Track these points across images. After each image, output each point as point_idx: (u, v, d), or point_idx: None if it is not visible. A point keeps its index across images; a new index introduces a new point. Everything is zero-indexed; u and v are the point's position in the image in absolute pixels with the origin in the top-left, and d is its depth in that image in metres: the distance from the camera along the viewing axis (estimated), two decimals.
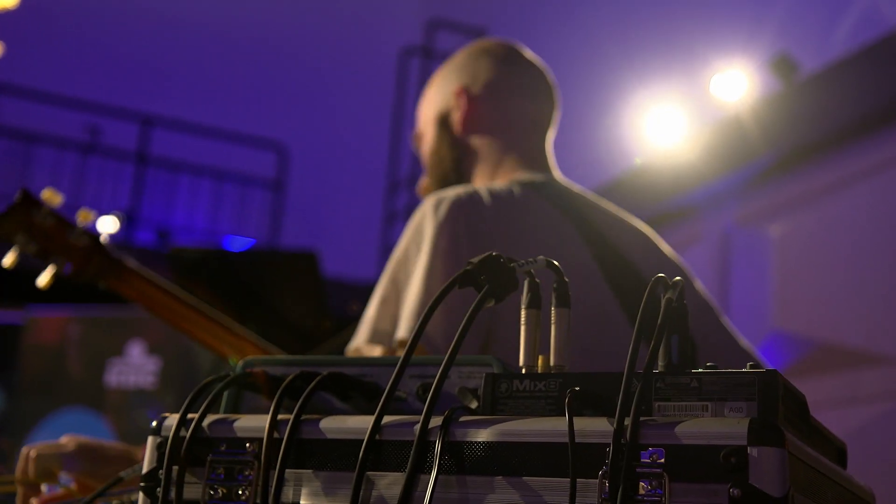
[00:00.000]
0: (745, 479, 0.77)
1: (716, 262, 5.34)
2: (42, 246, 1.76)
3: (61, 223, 1.77)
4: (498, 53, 1.86)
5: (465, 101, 1.81)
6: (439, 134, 1.82)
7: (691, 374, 0.85)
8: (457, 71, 1.85)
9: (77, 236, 1.77)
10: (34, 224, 1.75)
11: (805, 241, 4.83)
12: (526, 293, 0.96)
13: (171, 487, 0.95)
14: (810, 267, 4.77)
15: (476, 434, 0.87)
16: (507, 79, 1.83)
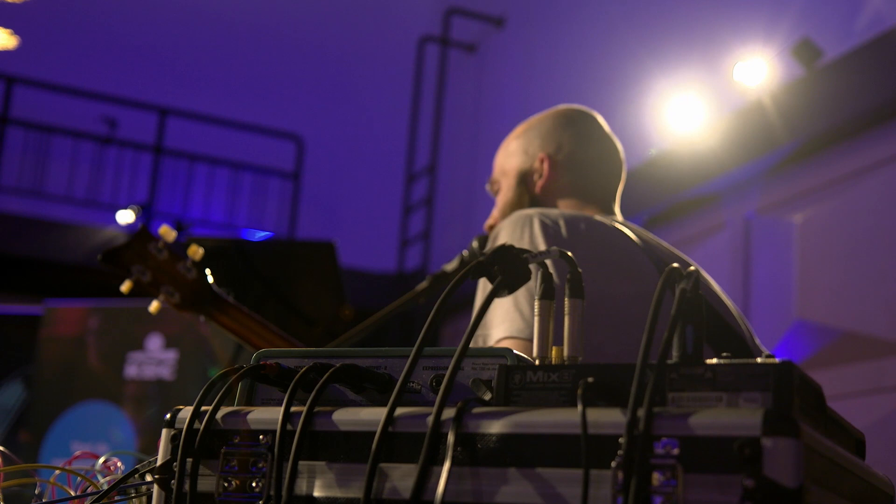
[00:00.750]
0: (759, 470, 0.76)
1: (737, 251, 5.30)
2: (155, 276, 1.90)
3: (173, 257, 1.91)
4: (581, 125, 2.04)
5: (548, 169, 1.98)
6: (519, 190, 2.00)
7: (706, 364, 0.85)
8: (541, 137, 2.02)
9: (186, 269, 1.90)
10: (150, 256, 1.90)
11: (828, 228, 4.79)
12: (539, 284, 0.96)
13: (185, 479, 0.95)
14: (833, 255, 4.73)
15: (489, 425, 0.87)
16: (587, 151, 2.01)
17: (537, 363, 0.93)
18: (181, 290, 1.90)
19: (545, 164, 1.98)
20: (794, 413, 0.79)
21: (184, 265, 1.90)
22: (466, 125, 9.15)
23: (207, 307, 1.91)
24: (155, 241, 1.91)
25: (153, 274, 1.90)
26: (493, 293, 0.92)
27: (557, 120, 2.04)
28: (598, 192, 2.00)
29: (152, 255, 1.90)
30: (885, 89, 4.52)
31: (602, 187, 2.01)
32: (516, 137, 2.07)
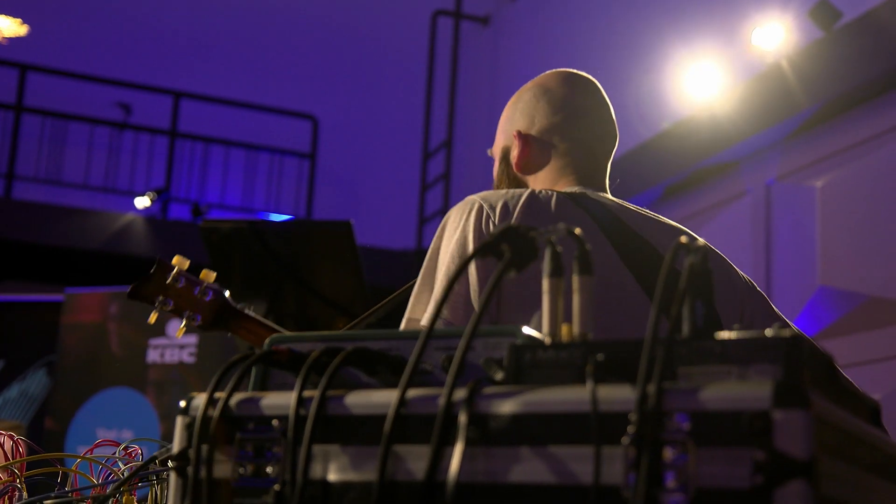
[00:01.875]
0: (769, 443, 0.76)
1: (759, 218, 5.27)
2: (176, 304, 2.04)
3: (190, 282, 2.04)
4: (557, 94, 1.97)
5: (521, 145, 1.95)
6: (500, 168, 2.00)
7: (715, 338, 0.84)
8: (520, 111, 1.98)
9: (203, 292, 2.04)
10: (169, 286, 2.04)
11: (849, 192, 4.75)
12: (548, 262, 0.95)
13: (200, 466, 0.96)
14: (855, 219, 4.69)
15: (500, 405, 0.87)
16: (563, 122, 1.95)
17: (547, 341, 0.93)
18: (202, 312, 2.04)
19: (518, 141, 1.95)
20: (803, 384, 0.79)
21: (200, 289, 2.04)
22: (482, 99, 9.12)
23: (229, 323, 2.07)
24: (171, 270, 2.05)
25: (175, 302, 2.04)
26: (501, 272, 0.91)
27: (535, 91, 1.98)
28: (579, 164, 1.94)
29: (171, 285, 2.04)
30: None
31: (582, 158, 1.94)
32: (508, 107, 2.04)
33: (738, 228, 5.35)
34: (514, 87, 7.58)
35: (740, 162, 5.53)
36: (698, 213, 5.65)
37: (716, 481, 0.77)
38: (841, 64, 4.80)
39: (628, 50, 6.70)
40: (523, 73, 8.83)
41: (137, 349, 5.52)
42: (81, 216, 8.22)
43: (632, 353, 0.86)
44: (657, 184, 5.81)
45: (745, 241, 5.24)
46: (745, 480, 0.76)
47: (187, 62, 9.51)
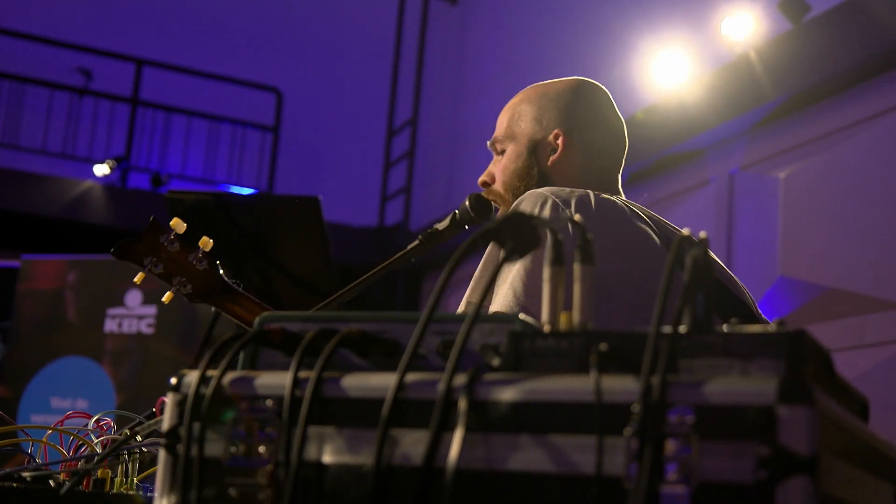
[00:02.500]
0: (773, 438, 0.76)
1: (722, 207, 5.32)
2: (166, 268, 1.94)
3: (185, 248, 1.95)
4: (597, 106, 2.03)
5: (563, 146, 1.97)
6: (528, 161, 2.00)
7: (717, 332, 0.85)
8: (559, 110, 1.99)
9: (197, 260, 1.94)
10: (161, 248, 1.94)
11: (812, 184, 4.80)
12: (549, 250, 0.95)
13: (192, 444, 0.95)
14: (817, 211, 4.75)
15: (501, 392, 0.87)
16: (600, 133, 2.01)
17: (546, 329, 0.93)
18: (192, 280, 1.94)
19: (560, 141, 1.97)
20: (807, 380, 0.79)
21: (195, 256, 1.94)
22: (448, 78, 9.09)
23: (218, 297, 1.96)
24: (167, 233, 1.94)
25: (165, 266, 1.94)
26: (504, 260, 0.91)
27: (576, 96, 2.02)
28: (605, 174, 2.01)
29: (164, 247, 1.94)
30: (872, 44, 4.51)
31: (609, 168, 2.02)
32: (528, 102, 2.04)
33: (700, 217, 5.40)
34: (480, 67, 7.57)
35: (705, 150, 5.56)
36: (662, 200, 5.69)
37: (719, 475, 0.77)
38: (808, 57, 4.84)
39: (597, 36, 6.71)
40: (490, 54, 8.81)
41: (95, 318, 5.45)
42: (39, 182, 8.09)
43: (634, 344, 0.86)
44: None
45: (708, 230, 5.26)
46: (749, 475, 0.76)
47: (151, 29, 9.37)
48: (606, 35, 6.53)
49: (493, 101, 8.48)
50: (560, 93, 2.01)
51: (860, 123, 4.65)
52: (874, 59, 4.51)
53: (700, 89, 5.36)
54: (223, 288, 1.96)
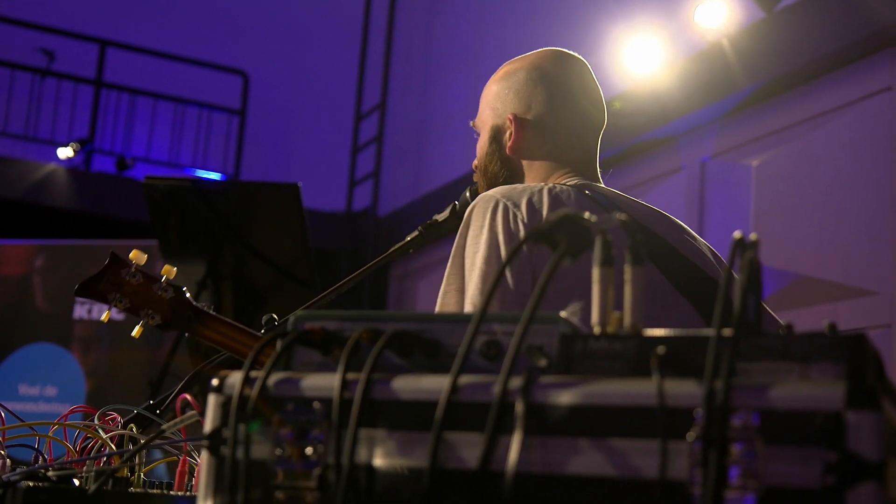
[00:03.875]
0: (841, 444, 0.77)
1: (693, 195, 5.36)
2: (132, 301, 1.91)
3: (148, 279, 1.92)
4: (555, 79, 1.96)
5: (516, 128, 1.95)
6: (491, 148, 1.99)
7: (777, 334, 0.85)
8: (514, 92, 1.96)
9: (162, 290, 1.91)
10: (124, 282, 1.91)
11: (784, 173, 4.85)
12: (599, 251, 0.95)
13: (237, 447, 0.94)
14: (789, 199, 4.80)
15: (558, 395, 0.87)
16: (561, 106, 1.95)
17: (597, 331, 0.93)
18: (160, 311, 1.92)
19: (513, 125, 1.95)
20: (872, 385, 0.80)
21: (159, 286, 1.92)
22: (417, 63, 9.06)
23: (189, 323, 1.93)
24: (127, 267, 1.92)
25: (130, 299, 1.91)
26: (557, 261, 0.90)
27: (531, 73, 1.97)
28: (573, 152, 1.96)
29: (126, 281, 1.91)
30: (845, 33, 4.56)
31: (577, 147, 1.97)
32: (496, 81, 2.02)
33: (672, 204, 5.43)
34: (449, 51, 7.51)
35: (677, 138, 5.60)
36: (633, 187, 5.72)
37: (785, 480, 0.78)
38: (781, 45, 4.88)
39: (569, 22, 6.71)
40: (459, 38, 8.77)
41: (63, 304, 5.38)
42: (1, 164, 7.96)
43: (690, 346, 0.86)
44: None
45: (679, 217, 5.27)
46: (816, 480, 0.77)
47: (115, 9, 9.24)
48: (578, 21, 6.54)
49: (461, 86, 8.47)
50: (518, 73, 1.97)
51: (832, 112, 4.70)
52: (846, 48, 4.55)
53: (672, 77, 5.38)
54: (193, 313, 1.94)
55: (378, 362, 1.00)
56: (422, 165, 8.61)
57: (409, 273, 8.27)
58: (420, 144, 8.74)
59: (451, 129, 8.21)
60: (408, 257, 8.11)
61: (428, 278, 7.89)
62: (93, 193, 7.99)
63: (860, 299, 4.37)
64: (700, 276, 1.84)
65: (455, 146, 7.96)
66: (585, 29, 6.34)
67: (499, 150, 1.98)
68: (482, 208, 1.77)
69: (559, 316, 0.98)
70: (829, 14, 4.63)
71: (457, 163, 7.49)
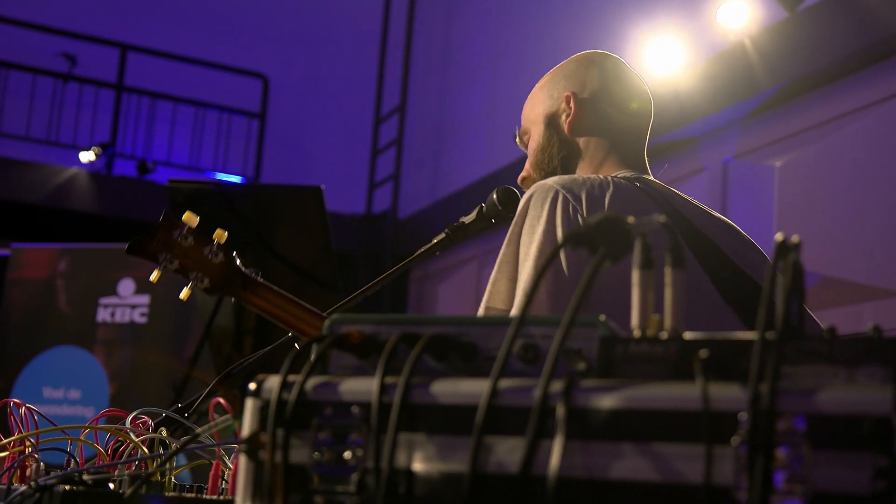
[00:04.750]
0: (891, 449, 0.76)
1: (716, 196, 5.33)
2: (182, 263, 1.90)
3: (199, 241, 1.90)
4: (605, 65, 2.03)
5: (574, 106, 1.98)
6: (547, 133, 2.01)
7: (822, 338, 0.84)
8: (566, 78, 2.02)
9: (213, 253, 1.90)
10: (175, 243, 1.89)
11: (807, 173, 4.82)
12: (638, 254, 0.94)
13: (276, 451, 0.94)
14: (812, 200, 4.77)
15: (600, 399, 0.86)
16: (613, 88, 2.01)
17: (636, 334, 0.92)
18: (209, 274, 1.90)
19: (572, 102, 1.97)
20: None
21: (210, 249, 1.90)
22: (436, 65, 9.06)
23: (237, 289, 1.91)
24: (180, 227, 1.90)
25: (181, 261, 1.90)
26: (598, 263, 0.90)
27: (580, 61, 2.03)
28: (627, 139, 1.99)
29: (178, 242, 1.89)
30: (867, 33, 4.53)
31: (630, 135, 2.00)
32: (540, 88, 2.06)
33: None
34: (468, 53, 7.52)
35: (699, 139, 5.57)
36: None
37: (833, 485, 0.77)
38: (803, 46, 4.85)
39: (589, 22, 6.70)
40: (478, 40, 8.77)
41: (87, 307, 5.40)
42: (23, 168, 8.01)
43: (732, 350, 0.86)
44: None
45: None
46: (866, 485, 0.76)
47: (136, 14, 9.28)
48: (599, 23, 6.52)
49: (481, 88, 8.46)
50: (564, 65, 2.05)
51: (855, 112, 4.67)
52: (869, 48, 4.52)
53: (694, 77, 5.36)
54: (241, 279, 1.92)
55: (416, 366, 0.99)
56: (441, 167, 8.61)
57: (428, 275, 8.27)
58: (439, 146, 8.74)
59: (470, 130, 8.21)
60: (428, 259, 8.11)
61: (448, 281, 7.88)
62: (114, 197, 8.02)
63: (885, 300, 4.33)
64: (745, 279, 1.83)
65: (475, 148, 7.95)
66: (606, 30, 6.33)
67: (556, 133, 1.99)
68: (540, 197, 1.76)
69: (598, 319, 0.97)
70: (852, 14, 4.61)
71: (476, 165, 7.49)
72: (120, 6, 9.30)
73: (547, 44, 7.13)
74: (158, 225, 1.92)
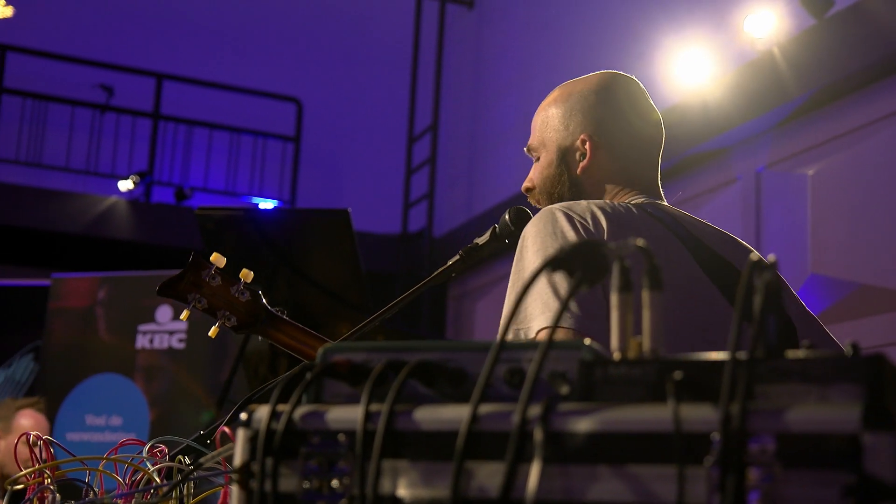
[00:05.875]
0: (859, 466, 0.76)
1: (749, 205, 5.30)
2: (210, 302, 1.97)
3: (226, 281, 1.98)
4: (620, 95, 1.99)
5: (590, 150, 1.95)
6: (559, 169, 1.98)
7: (794, 357, 0.84)
8: (583, 113, 1.97)
9: (239, 292, 1.97)
10: (204, 283, 1.97)
11: (841, 181, 4.78)
12: (617, 277, 0.95)
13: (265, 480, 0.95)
14: (847, 208, 4.72)
15: (577, 422, 0.87)
16: (628, 123, 1.97)
17: (616, 357, 0.93)
18: (237, 312, 1.98)
19: (587, 146, 1.94)
20: (890, 406, 0.79)
21: (237, 288, 1.98)
22: (467, 83, 9.09)
23: (263, 326, 1.99)
24: (208, 268, 1.98)
25: (209, 300, 1.97)
26: (575, 287, 0.91)
27: (599, 95, 1.98)
28: (641, 171, 1.98)
29: (206, 282, 1.97)
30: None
31: (644, 165, 1.99)
32: (556, 104, 2.02)
33: (728, 216, 5.38)
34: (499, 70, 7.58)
35: (731, 149, 5.55)
36: (688, 200, 5.67)
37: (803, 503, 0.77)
38: (832, 52, 4.82)
39: (618, 35, 6.70)
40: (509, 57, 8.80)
41: (126, 335, 5.48)
42: (63, 199, 8.15)
43: (708, 371, 0.86)
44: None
45: (736, 229, 5.25)
46: (835, 503, 0.76)
47: (170, 43, 9.42)
48: (627, 35, 6.52)
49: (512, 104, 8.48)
50: (585, 94, 1.98)
51: (887, 117, 4.63)
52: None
53: (724, 87, 5.34)
54: (267, 317, 1.99)
55: (402, 393, 1.01)
56: (475, 185, 8.63)
57: (467, 293, 8.28)
58: (473, 164, 8.77)
59: (503, 147, 8.22)
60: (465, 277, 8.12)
61: (486, 298, 7.89)
62: (153, 224, 8.14)
63: None
64: None
65: (508, 164, 7.96)
66: (635, 43, 6.32)
67: (567, 171, 1.97)
68: (542, 221, 1.76)
69: (583, 342, 0.98)
70: (880, 19, 4.57)
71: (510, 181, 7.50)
72: (155, 37, 9.46)
73: (577, 58, 7.13)
74: (187, 266, 2.00)
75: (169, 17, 9.55)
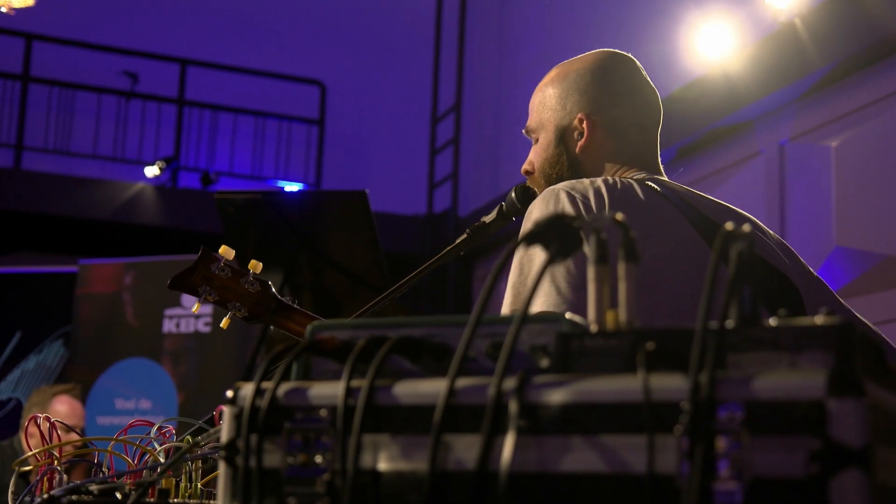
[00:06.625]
0: (824, 432, 0.76)
1: (773, 179, 5.26)
2: (221, 294, 2.01)
3: (236, 273, 2.02)
4: (617, 75, 1.98)
5: (588, 130, 1.94)
6: (557, 150, 1.98)
7: (765, 326, 0.85)
8: (580, 93, 1.96)
9: (249, 284, 2.01)
10: (214, 276, 2.01)
11: (865, 152, 4.73)
12: (593, 250, 0.96)
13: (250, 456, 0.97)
14: (871, 179, 4.67)
15: (550, 394, 0.88)
16: (626, 102, 1.97)
17: (593, 329, 0.94)
18: (247, 303, 2.01)
19: (585, 125, 1.94)
20: (857, 372, 0.79)
21: (246, 279, 2.01)
22: (490, 62, 9.07)
23: (273, 316, 2.02)
24: (217, 261, 2.01)
25: (219, 292, 2.01)
26: (549, 262, 0.91)
27: (596, 74, 1.97)
28: (640, 149, 1.97)
29: (216, 275, 2.01)
30: None
31: (643, 143, 1.98)
32: (552, 85, 2.01)
33: (751, 189, 5.34)
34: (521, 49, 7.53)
35: (754, 122, 5.50)
36: (711, 175, 5.64)
37: (770, 470, 0.78)
38: (855, 23, 4.76)
39: (639, 11, 6.65)
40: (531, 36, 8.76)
41: (153, 319, 5.54)
42: (91, 186, 8.23)
43: (681, 341, 0.86)
44: (670, 145, 5.78)
45: (759, 202, 5.23)
46: (800, 469, 0.76)
47: (194, 29, 9.47)
48: (649, 9, 6.47)
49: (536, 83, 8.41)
50: (580, 73, 1.97)
51: None
52: None
53: (746, 60, 5.30)
54: (277, 306, 2.03)
55: (383, 368, 1.02)
56: (500, 164, 8.62)
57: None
58: (497, 143, 8.75)
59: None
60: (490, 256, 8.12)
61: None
62: (179, 210, 8.20)
63: None
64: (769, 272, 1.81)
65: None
66: (657, 17, 6.27)
67: (566, 151, 1.96)
68: (545, 200, 1.76)
69: (562, 315, 0.99)
70: None
71: None
72: (178, 23, 9.50)
73: (600, 33, 7.09)
74: (197, 259, 2.03)
75: (192, 3, 9.59)
